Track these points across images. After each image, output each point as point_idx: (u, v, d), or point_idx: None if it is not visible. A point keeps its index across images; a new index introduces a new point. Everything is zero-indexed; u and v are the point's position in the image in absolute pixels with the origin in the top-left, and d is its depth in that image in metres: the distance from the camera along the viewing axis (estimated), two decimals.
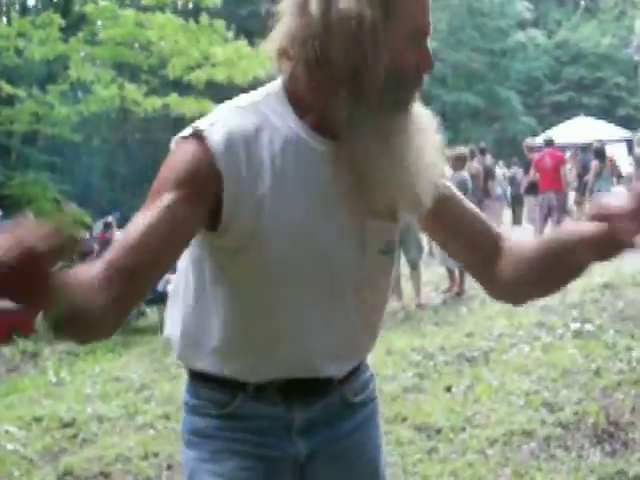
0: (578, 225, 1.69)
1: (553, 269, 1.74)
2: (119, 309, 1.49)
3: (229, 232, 1.60)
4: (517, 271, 1.80)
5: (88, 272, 1.43)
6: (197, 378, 1.83)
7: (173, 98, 17.67)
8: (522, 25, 48.84)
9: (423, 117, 1.68)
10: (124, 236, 1.54)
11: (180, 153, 1.60)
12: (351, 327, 1.79)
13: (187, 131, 1.62)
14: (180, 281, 1.82)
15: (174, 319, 1.83)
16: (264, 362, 1.74)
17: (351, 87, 1.57)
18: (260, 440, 1.79)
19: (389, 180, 1.59)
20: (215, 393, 1.80)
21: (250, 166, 1.59)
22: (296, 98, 1.66)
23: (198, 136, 1.59)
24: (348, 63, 1.55)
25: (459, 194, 1.88)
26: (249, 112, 1.66)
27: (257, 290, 1.68)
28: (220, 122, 1.62)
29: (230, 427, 1.80)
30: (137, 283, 1.52)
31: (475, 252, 1.89)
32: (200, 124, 1.62)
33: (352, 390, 1.88)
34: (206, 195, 1.56)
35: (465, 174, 12.71)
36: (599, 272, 10.62)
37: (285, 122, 1.64)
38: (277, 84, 1.69)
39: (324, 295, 1.71)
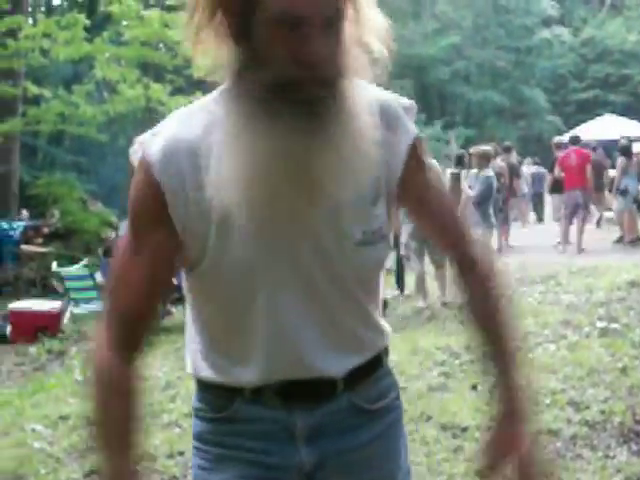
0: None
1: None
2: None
3: (189, 246, 1.62)
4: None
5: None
6: (199, 383, 1.83)
7: (198, 97, 17.75)
8: (547, 23, 48.68)
9: (354, 116, 1.53)
10: (114, 285, 1.68)
11: (133, 185, 1.63)
12: (339, 320, 1.72)
13: (137, 146, 1.68)
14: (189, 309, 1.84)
15: (187, 335, 1.86)
16: (253, 366, 1.69)
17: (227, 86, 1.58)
18: (262, 446, 1.74)
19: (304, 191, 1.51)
20: (214, 397, 1.79)
21: (196, 171, 1.56)
22: None
23: (144, 155, 1.61)
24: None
25: (436, 186, 1.83)
26: (198, 113, 1.65)
27: (221, 296, 1.67)
28: (161, 135, 1.62)
29: (231, 432, 1.76)
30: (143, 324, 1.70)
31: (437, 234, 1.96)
32: (144, 137, 1.68)
33: (365, 397, 1.79)
34: (161, 216, 1.58)
35: (490, 172, 12.66)
36: (625, 269, 10.57)
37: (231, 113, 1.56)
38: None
39: (298, 291, 1.65)
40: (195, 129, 1.60)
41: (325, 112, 1.47)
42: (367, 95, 1.59)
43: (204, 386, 1.81)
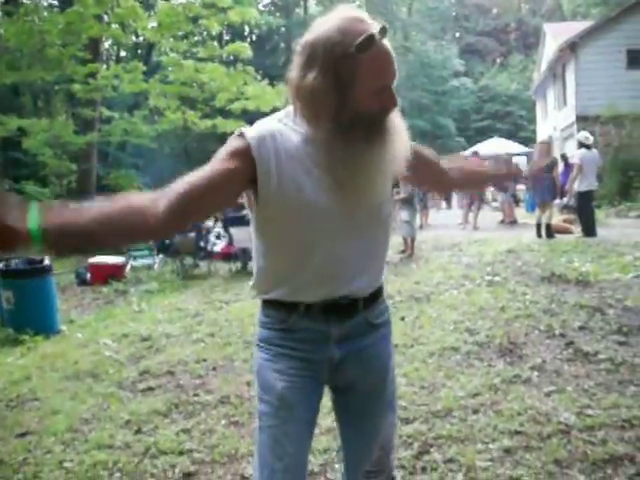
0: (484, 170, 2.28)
1: (468, 187, 2.10)
2: (168, 221, 1.54)
3: (264, 196, 1.65)
4: (453, 182, 2.16)
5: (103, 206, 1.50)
6: (265, 302, 1.85)
7: (219, 121, 17.61)
8: (457, 74, 48.72)
9: (397, 128, 1.69)
10: (183, 179, 1.59)
11: (229, 143, 1.66)
12: (373, 255, 1.81)
13: (237, 131, 1.68)
14: (253, 241, 1.84)
15: (254, 266, 1.87)
16: (307, 289, 1.75)
17: (322, 125, 1.60)
18: (307, 347, 1.80)
19: (360, 180, 1.63)
20: (276, 312, 1.82)
21: (276, 153, 1.64)
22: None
23: (242, 135, 1.65)
24: (313, 112, 1.60)
25: (426, 153, 1.98)
26: (274, 122, 1.71)
27: (290, 234, 1.71)
28: (256, 127, 1.69)
29: (286, 337, 1.81)
30: (187, 209, 1.56)
31: (437, 181, 2.14)
32: (244, 128, 1.69)
33: (373, 314, 1.87)
34: (240, 169, 1.61)
35: None
36: (505, 241, 10.66)
37: (296, 128, 1.68)
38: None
39: (350, 235, 1.72)
40: (275, 129, 1.68)
41: (386, 133, 1.64)
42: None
43: (269, 304, 1.84)
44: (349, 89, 1.55)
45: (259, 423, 1.84)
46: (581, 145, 11.86)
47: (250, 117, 18.56)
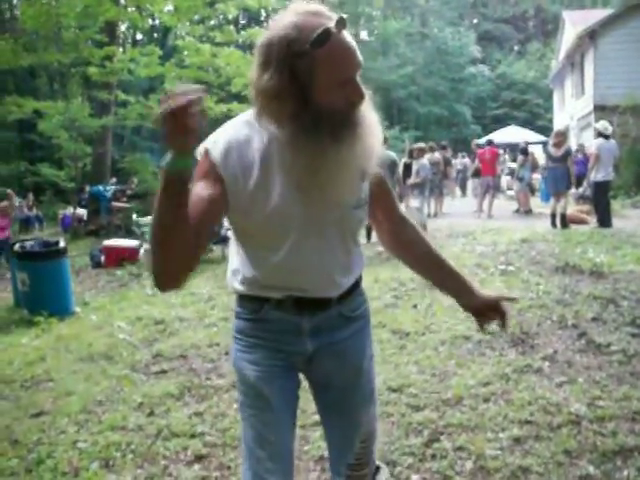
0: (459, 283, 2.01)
1: (424, 274, 2.04)
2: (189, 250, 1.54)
3: (235, 209, 1.65)
4: (400, 250, 2.01)
5: None
6: (239, 295, 1.87)
7: (234, 105, 17.56)
8: (474, 62, 48.35)
9: (367, 121, 1.64)
10: None
11: (198, 165, 1.65)
12: (339, 258, 1.78)
13: (202, 148, 1.67)
14: (232, 241, 1.86)
15: (229, 261, 1.88)
16: (278, 286, 1.75)
17: (285, 125, 1.58)
18: (280, 338, 1.81)
19: (324, 178, 1.59)
20: (249, 304, 1.83)
21: (243, 166, 1.64)
22: None
23: (207, 153, 1.65)
24: (273, 113, 1.57)
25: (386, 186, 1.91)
26: (242, 127, 1.70)
27: (255, 234, 1.71)
28: (221, 138, 1.67)
29: (260, 328, 1.82)
30: (197, 233, 1.54)
31: (383, 221, 1.96)
32: (207, 143, 1.68)
33: (348, 308, 1.86)
34: (216, 186, 1.61)
35: (424, 161, 12.92)
36: (519, 230, 10.61)
37: (261, 129, 1.66)
38: None
39: (314, 238, 1.70)
40: (242, 137, 1.67)
41: (354, 128, 1.59)
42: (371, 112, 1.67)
43: (243, 297, 1.85)
44: (309, 86, 1.52)
45: (241, 414, 1.89)
46: (599, 134, 11.77)
47: None
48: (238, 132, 1.68)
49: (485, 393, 3.98)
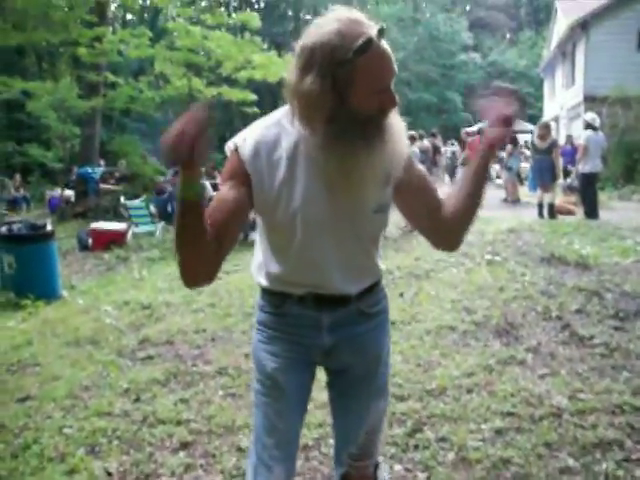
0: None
1: (469, 201, 1.94)
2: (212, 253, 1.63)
3: (260, 206, 1.73)
4: (452, 216, 1.90)
5: None
6: (263, 289, 1.93)
7: (224, 89, 17.48)
8: (465, 49, 48.35)
9: (395, 127, 1.69)
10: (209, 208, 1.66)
11: (228, 160, 1.74)
12: (354, 260, 1.83)
13: (232, 144, 1.74)
14: (257, 236, 1.93)
15: (254, 255, 1.94)
16: (299, 283, 1.82)
17: (319, 127, 1.61)
18: (300, 332, 1.88)
19: (355, 179, 1.64)
20: (272, 298, 1.90)
21: (270, 165, 1.70)
22: None
23: (236, 150, 1.72)
24: (310, 115, 1.60)
25: (422, 171, 1.89)
26: (272, 126, 1.75)
27: (279, 231, 1.77)
28: (251, 136, 1.73)
29: (281, 322, 1.89)
30: (220, 235, 1.62)
31: (427, 215, 1.90)
32: (237, 140, 1.74)
33: (366, 304, 1.91)
34: (243, 183, 1.69)
35: (415, 149, 12.87)
36: (507, 220, 10.66)
37: (297, 129, 1.69)
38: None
39: (334, 238, 1.76)
40: (271, 137, 1.72)
41: (384, 133, 1.65)
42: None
43: (266, 291, 1.92)
44: (347, 92, 1.57)
45: (254, 400, 1.96)
46: (588, 126, 11.81)
47: (255, 86, 18.53)
48: (268, 131, 1.73)
49: (469, 384, 4.02)
